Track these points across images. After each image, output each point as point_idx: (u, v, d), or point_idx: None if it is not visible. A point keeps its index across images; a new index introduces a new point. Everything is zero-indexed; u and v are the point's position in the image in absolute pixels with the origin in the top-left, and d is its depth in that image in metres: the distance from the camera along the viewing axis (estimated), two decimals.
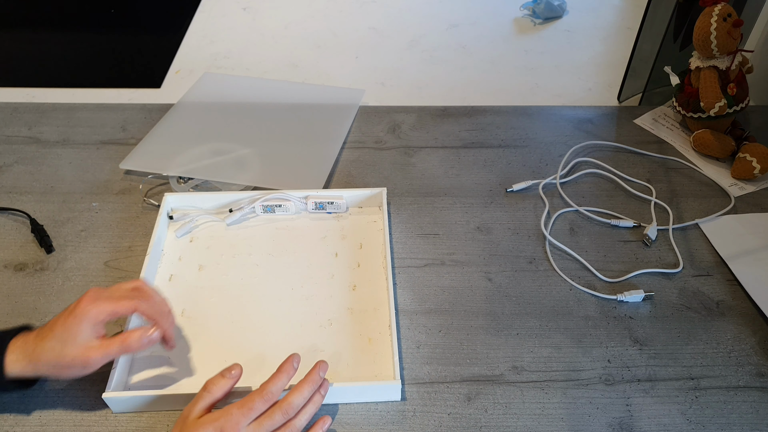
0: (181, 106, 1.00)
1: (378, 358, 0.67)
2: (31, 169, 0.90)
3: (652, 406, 0.64)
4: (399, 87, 1.09)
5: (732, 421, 0.63)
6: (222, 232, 0.81)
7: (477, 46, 1.19)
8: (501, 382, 0.66)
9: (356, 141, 0.95)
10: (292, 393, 0.59)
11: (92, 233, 0.81)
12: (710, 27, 0.84)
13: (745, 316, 0.72)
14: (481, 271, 0.77)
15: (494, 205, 0.85)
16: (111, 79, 1.11)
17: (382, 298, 0.73)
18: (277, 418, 0.57)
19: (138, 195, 0.86)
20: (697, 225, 0.82)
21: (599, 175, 0.90)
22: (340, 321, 0.71)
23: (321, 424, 0.60)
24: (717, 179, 0.89)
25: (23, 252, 0.79)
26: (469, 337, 0.70)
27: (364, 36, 1.22)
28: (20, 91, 1.07)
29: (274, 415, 0.57)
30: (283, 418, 0.57)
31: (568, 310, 0.73)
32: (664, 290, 0.75)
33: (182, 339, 0.69)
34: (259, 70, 1.12)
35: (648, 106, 1.02)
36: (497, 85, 1.10)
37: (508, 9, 1.28)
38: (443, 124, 0.98)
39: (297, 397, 0.58)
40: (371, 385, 0.64)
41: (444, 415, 0.63)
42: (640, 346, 0.69)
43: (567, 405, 0.64)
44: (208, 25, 1.24)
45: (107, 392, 0.61)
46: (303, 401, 0.59)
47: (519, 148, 0.94)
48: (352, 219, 0.83)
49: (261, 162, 0.89)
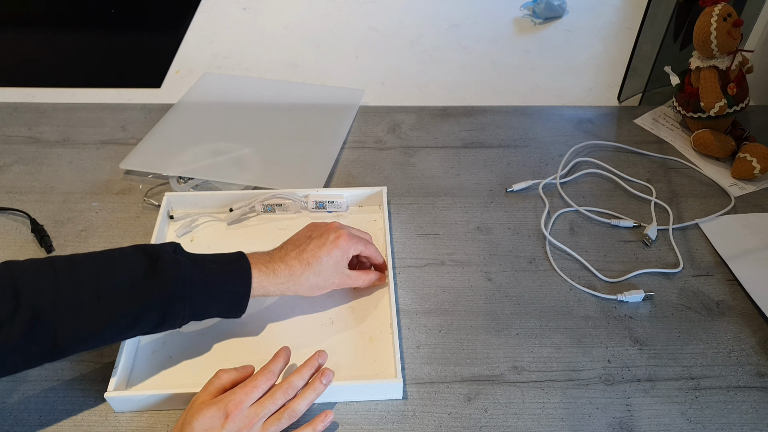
0: (181, 106, 1.00)
1: (379, 356, 0.67)
2: (31, 169, 0.90)
3: (652, 406, 0.64)
4: (399, 87, 1.09)
5: (732, 421, 0.63)
6: (222, 232, 0.81)
7: (477, 46, 1.19)
8: (501, 382, 0.66)
9: (356, 141, 0.95)
10: (293, 374, 0.61)
11: (92, 233, 0.81)
12: (710, 27, 0.84)
13: (745, 316, 0.72)
14: (481, 271, 0.77)
15: (494, 205, 0.85)
16: (111, 79, 1.11)
17: (383, 297, 0.73)
18: (278, 398, 0.59)
19: (138, 195, 0.86)
20: (697, 225, 0.82)
21: (599, 175, 0.90)
22: (341, 320, 0.71)
23: (323, 417, 0.61)
24: (717, 179, 0.89)
25: (23, 252, 0.79)
26: (469, 337, 0.70)
27: (364, 36, 1.22)
28: (20, 91, 1.07)
29: (276, 394, 0.59)
30: (284, 398, 0.59)
31: (568, 310, 0.73)
32: (664, 290, 0.75)
33: (183, 339, 0.69)
34: (259, 70, 1.12)
35: (648, 106, 1.02)
36: (497, 85, 1.10)
37: (508, 9, 1.28)
38: (443, 124, 0.98)
39: (297, 378, 0.61)
40: (373, 383, 0.64)
41: (444, 415, 0.63)
42: (640, 346, 0.69)
43: (567, 405, 0.64)
44: (208, 25, 1.24)
45: (109, 392, 0.61)
46: (302, 383, 0.61)
47: (519, 148, 0.94)
48: (352, 218, 0.83)
49: (261, 162, 0.89)
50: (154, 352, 0.68)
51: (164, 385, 0.65)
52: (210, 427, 0.55)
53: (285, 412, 0.59)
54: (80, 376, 0.66)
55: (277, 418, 0.58)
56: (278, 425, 0.58)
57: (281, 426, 0.58)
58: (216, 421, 0.55)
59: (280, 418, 0.58)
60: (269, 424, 0.58)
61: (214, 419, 0.55)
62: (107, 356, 0.68)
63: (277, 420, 0.58)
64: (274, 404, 0.58)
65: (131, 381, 0.65)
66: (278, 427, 0.58)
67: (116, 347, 0.68)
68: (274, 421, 0.58)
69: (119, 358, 0.64)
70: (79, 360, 0.67)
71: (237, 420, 0.56)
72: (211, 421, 0.55)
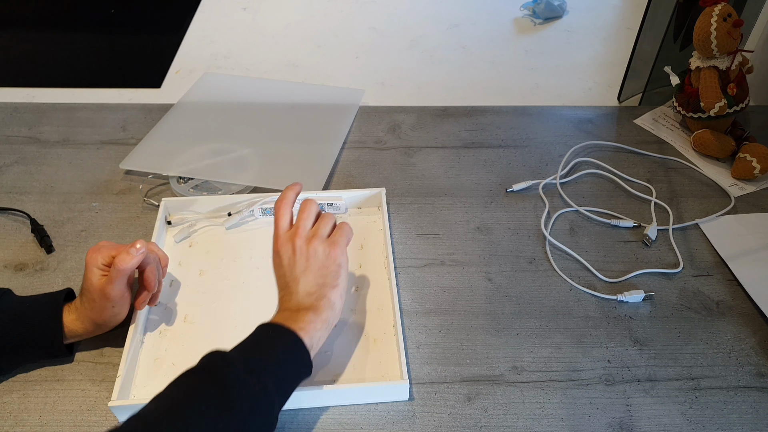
0: (181, 106, 1.00)
1: (384, 358, 0.67)
2: (31, 169, 0.90)
3: (652, 407, 0.64)
4: (399, 87, 1.09)
5: (732, 422, 0.63)
6: (221, 236, 0.80)
7: (477, 46, 1.19)
8: (501, 382, 0.66)
9: (356, 141, 0.95)
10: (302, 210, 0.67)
11: (92, 233, 0.81)
12: (710, 27, 0.84)
13: (745, 316, 0.72)
14: (481, 271, 0.77)
15: (494, 205, 0.85)
16: (111, 79, 1.11)
17: (386, 299, 0.73)
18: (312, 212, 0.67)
19: (138, 195, 0.86)
20: (697, 225, 0.82)
21: (599, 175, 0.90)
22: (344, 322, 0.71)
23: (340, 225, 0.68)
24: (717, 179, 0.89)
25: (23, 252, 0.79)
26: (469, 337, 0.70)
27: (364, 36, 1.22)
28: (20, 91, 1.07)
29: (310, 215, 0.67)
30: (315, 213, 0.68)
31: (568, 310, 0.73)
32: (664, 290, 0.75)
33: (185, 344, 0.69)
34: (259, 70, 1.12)
35: (648, 106, 1.02)
36: (497, 85, 1.10)
37: (508, 9, 1.28)
38: (443, 124, 0.98)
39: (309, 204, 0.68)
40: (379, 385, 0.64)
41: (444, 415, 0.63)
42: (640, 346, 0.69)
43: (567, 405, 0.64)
44: (208, 25, 1.24)
45: (112, 401, 0.61)
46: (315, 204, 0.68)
47: (519, 148, 0.94)
48: (351, 220, 0.83)
49: (261, 162, 0.89)
50: (156, 360, 0.67)
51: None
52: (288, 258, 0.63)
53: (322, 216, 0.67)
54: (80, 376, 0.66)
55: (321, 219, 0.66)
56: (342, 232, 0.66)
57: (343, 233, 0.66)
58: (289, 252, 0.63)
59: (323, 219, 0.66)
60: (317, 227, 0.65)
61: (288, 252, 0.64)
62: (107, 356, 0.68)
63: (338, 230, 0.66)
64: (309, 218, 0.66)
65: (134, 389, 0.65)
66: (342, 233, 0.66)
67: (116, 349, 0.68)
68: (337, 232, 0.66)
69: (122, 366, 0.63)
70: (79, 360, 0.67)
71: (314, 242, 0.63)
72: (287, 254, 0.63)
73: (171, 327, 0.70)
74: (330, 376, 0.66)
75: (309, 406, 0.64)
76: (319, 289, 0.62)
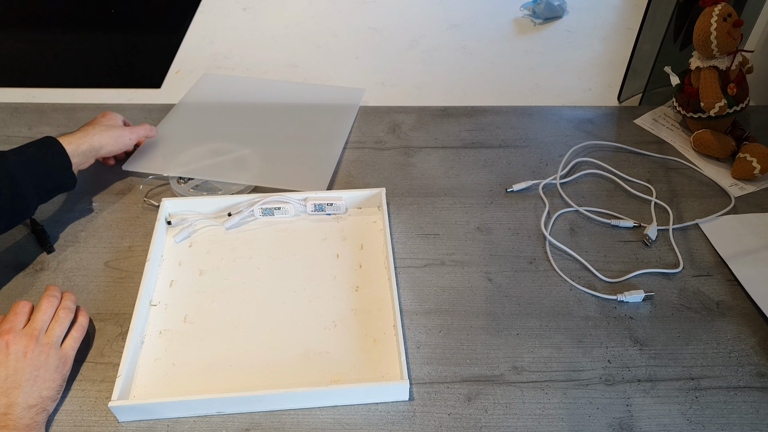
0: (182, 107, 1.00)
1: (384, 358, 0.67)
2: None
3: (652, 407, 0.64)
4: (399, 87, 1.09)
5: (732, 422, 0.63)
6: (221, 236, 0.80)
7: (477, 46, 1.19)
8: (501, 383, 0.66)
9: (356, 141, 0.95)
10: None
11: (92, 233, 0.81)
12: (710, 27, 0.84)
13: (745, 316, 0.72)
14: (481, 271, 0.77)
15: (494, 205, 0.85)
16: (111, 79, 1.11)
17: (386, 299, 0.73)
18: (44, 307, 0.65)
19: (138, 195, 0.86)
20: (697, 225, 0.82)
21: (599, 175, 0.90)
22: (344, 322, 0.71)
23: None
24: (717, 179, 0.89)
25: (23, 252, 0.79)
26: (469, 338, 0.70)
27: (364, 36, 1.22)
28: (20, 91, 1.07)
29: (42, 306, 0.66)
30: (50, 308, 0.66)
31: (568, 310, 0.73)
32: (664, 290, 0.75)
33: (185, 344, 0.69)
34: (259, 70, 1.12)
35: (648, 106, 1.02)
36: (497, 85, 1.10)
37: (508, 9, 1.28)
38: (443, 124, 0.98)
39: (51, 290, 0.68)
40: (379, 385, 0.64)
41: (444, 415, 0.63)
42: (640, 347, 0.69)
43: (567, 405, 0.64)
44: (208, 25, 1.24)
45: (112, 401, 0.61)
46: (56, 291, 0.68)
47: (519, 148, 0.94)
48: (351, 220, 0.83)
49: (261, 162, 0.89)
50: (156, 360, 0.67)
51: (167, 393, 0.64)
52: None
53: (59, 312, 0.65)
54: (80, 376, 0.66)
55: (56, 320, 0.65)
56: (60, 323, 0.64)
57: (63, 321, 0.65)
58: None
59: (59, 319, 0.65)
60: (52, 328, 0.64)
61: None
62: (107, 356, 0.68)
63: (56, 321, 0.64)
64: (45, 314, 0.64)
65: (134, 389, 0.65)
66: (61, 324, 0.64)
67: (116, 349, 0.68)
68: (54, 324, 0.64)
69: (122, 366, 0.63)
70: (79, 360, 0.67)
71: (18, 341, 0.61)
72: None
73: (171, 327, 0.70)
74: (330, 376, 0.66)
75: (309, 406, 0.64)
76: None
